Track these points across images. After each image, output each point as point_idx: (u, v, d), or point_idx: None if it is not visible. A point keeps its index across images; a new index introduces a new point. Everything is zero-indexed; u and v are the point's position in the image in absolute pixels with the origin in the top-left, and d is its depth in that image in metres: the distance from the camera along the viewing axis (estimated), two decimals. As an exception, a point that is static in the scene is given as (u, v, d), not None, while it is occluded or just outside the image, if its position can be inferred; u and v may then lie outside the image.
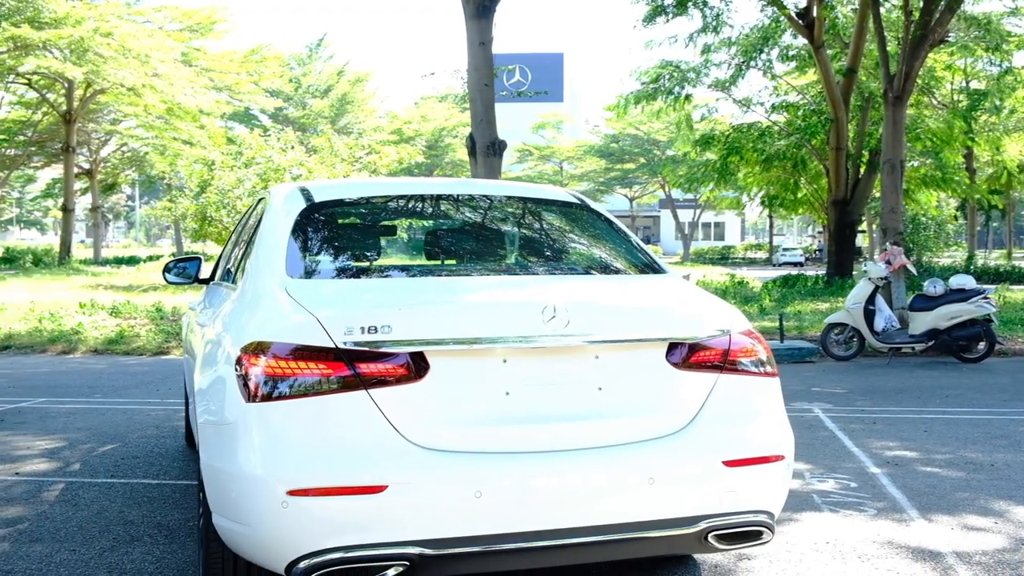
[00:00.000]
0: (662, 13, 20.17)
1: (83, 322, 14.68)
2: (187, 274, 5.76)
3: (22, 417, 7.93)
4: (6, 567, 4.21)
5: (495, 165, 13.26)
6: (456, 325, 3.12)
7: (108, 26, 31.94)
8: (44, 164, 50.38)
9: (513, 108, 59.06)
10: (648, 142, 59.81)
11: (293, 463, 2.97)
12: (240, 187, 23.42)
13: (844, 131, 22.42)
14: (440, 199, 4.65)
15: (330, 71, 59.41)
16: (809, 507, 5.17)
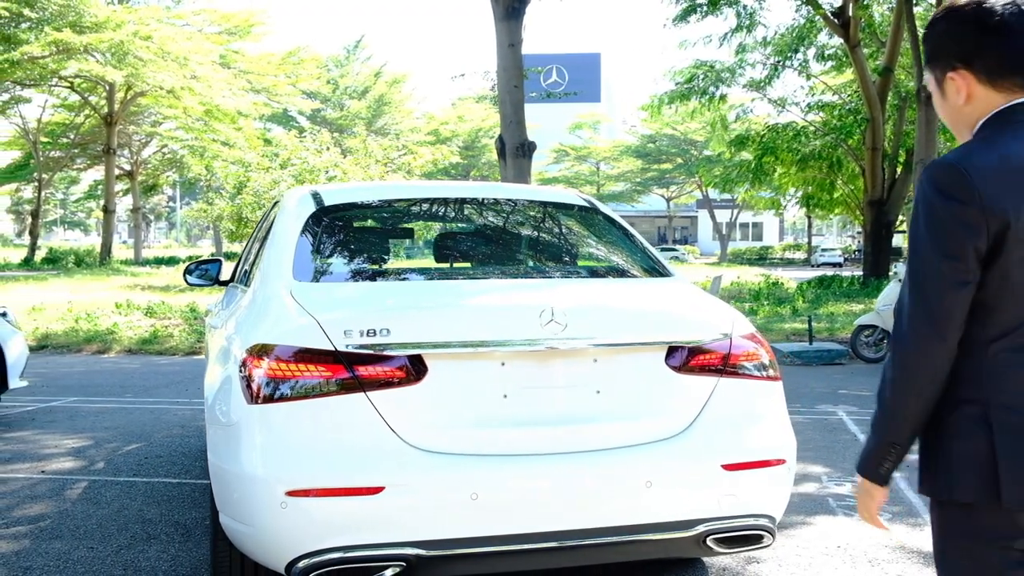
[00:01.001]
0: (694, 12, 20.10)
1: (118, 322, 14.90)
2: (208, 276, 5.83)
3: (52, 416, 8.07)
4: (25, 563, 4.31)
5: (524, 167, 13.29)
6: (454, 328, 3.15)
7: (148, 29, 32.35)
8: (87, 166, 51.15)
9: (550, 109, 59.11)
10: (685, 142, 59.57)
11: (292, 464, 3.01)
12: (276, 188, 23.60)
13: (880, 131, 22.20)
14: (448, 203, 4.68)
15: (367, 72, 59.70)
16: (824, 510, 5.14)
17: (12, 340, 7.69)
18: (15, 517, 5.05)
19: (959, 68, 1.94)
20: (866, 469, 2.01)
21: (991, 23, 1.88)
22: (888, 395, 1.94)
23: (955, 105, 1.98)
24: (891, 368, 1.93)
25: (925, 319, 1.87)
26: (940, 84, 2.00)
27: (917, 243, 1.89)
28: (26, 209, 67.38)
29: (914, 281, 1.89)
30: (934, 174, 1.87)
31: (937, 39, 1.99)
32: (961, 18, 1.93)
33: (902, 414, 1.93)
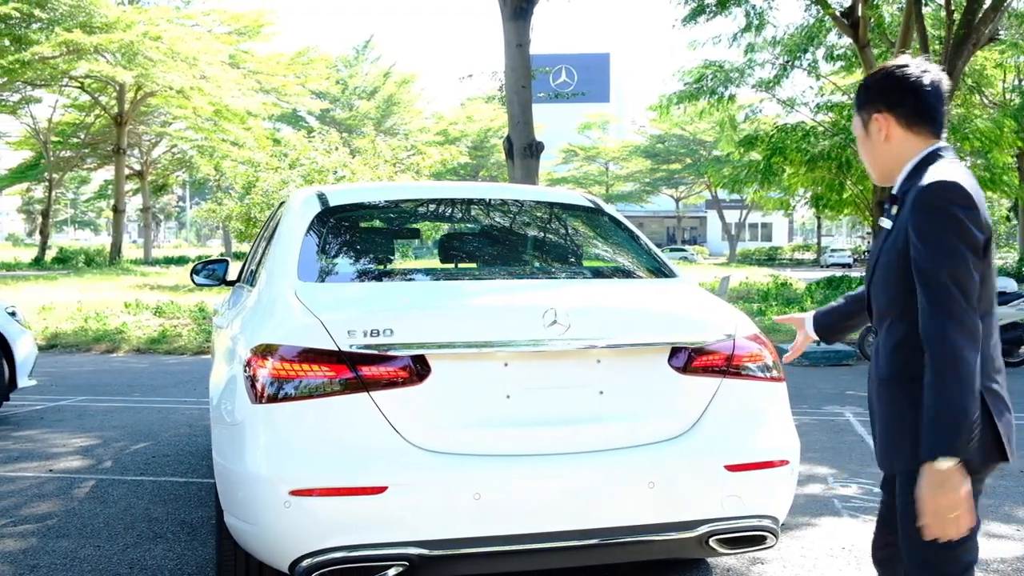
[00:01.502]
0: (703, 12, 20.06)
1: (127, 322, 14.95)
2: (215, 276, 5.85)
3: (61, 415, 8.11)
4: (32, 562, 4.33)
5: (532, 167, 13.29)
6: (457, 329, 3.16)
7: (157, 30, 32.45)
8: (97, 166, 51.33)
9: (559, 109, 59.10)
10: (694, 142, 59.51)
11: (296, 464, 3.03)
12: (285, 188, 23.64)
13: (890, 131, 22.09)
14: (453, 204, 4.69)
15: (376, 72, 59.79)
16: (829, 512, 5.14)
17: (21, 339, 7.74)
18: (23, 515, 5.08)
19: (883, 111, 2.46)
20: (964, 448, 2.17)
21: (908, 83, 2.42)
22: (961, 370, 2.18)
23: (877, 142, 2.50)
24: (953, 349, 2.19)
25: (969, 306, 2.23)
26: (866, 125, 2.52)
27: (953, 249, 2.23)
28: (37, 209, 67.62)
29: (956, 280, 2.22)
30: (959, 195, 2.27)
31: (868, 91, 2.52)
32: (888, 76, 2.47)
33: (974, 393, 2.18)
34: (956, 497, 2.16)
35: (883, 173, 2.55)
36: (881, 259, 2.47)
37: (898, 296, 2.39)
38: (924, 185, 2.31)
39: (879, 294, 2.49)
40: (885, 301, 2.45)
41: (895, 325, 2.42)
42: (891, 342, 2.43)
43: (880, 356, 2.47)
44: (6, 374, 7.56)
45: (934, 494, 2.17)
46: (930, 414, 2.20)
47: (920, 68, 2.43)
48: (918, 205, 2.30)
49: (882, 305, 2.48)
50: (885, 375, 2.44)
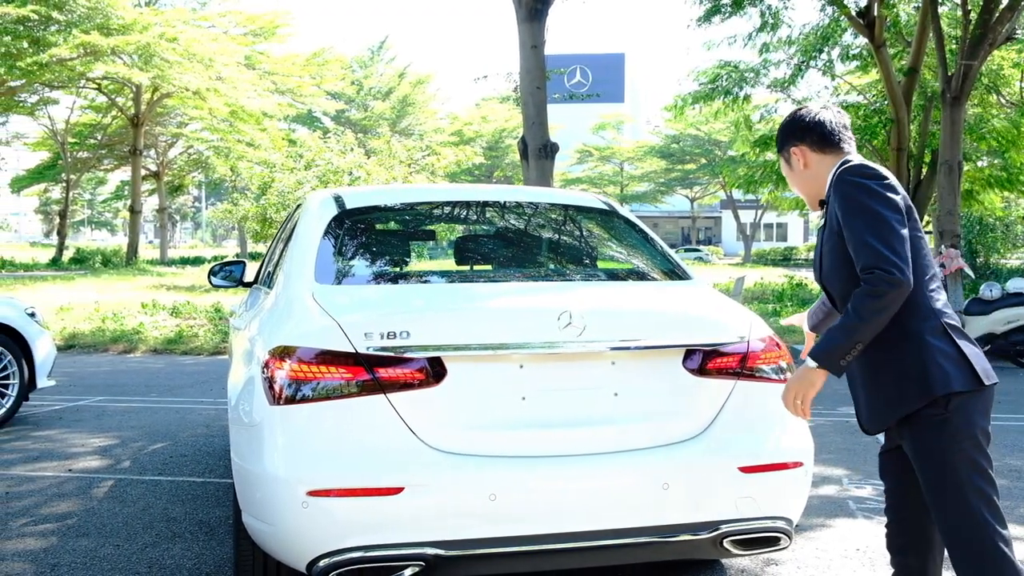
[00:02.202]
0: (718, 12, 20.02)
1: (144, 322, 15.05)
2: (233, 277, 5.89)
3: (80, 415, 8.18)
4: (53, 560, 4.38)
5: (547, 168, 13.30)
6: (473, 331, 3.19)
7: (174, 31, 32.59)
8: (114, 167, 51.56)
9: (574, 109, 59.11)
10: (709, 142, 59.36)
11: (313, 464, 3.06)
12: (300, 189, 23.72)
13: (905, 132, 22.01)
14: (468, 206, 4.72)
15: (391, 73, 59.89)
16: (843, 513, 5.15)
17: (40, 340, 7.81)
18: (43, 515, 5.14)
19: (797, 144, 2.96)
20: (830, 361, 2.68)
21: (810, 118, 2.95)
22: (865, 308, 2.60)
23: (799, 171, 2.98)
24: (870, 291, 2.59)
25: (894, 256, 2.59)
26: (788, 160, 3.02)
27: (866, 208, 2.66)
28: (54, 209, 68.01)
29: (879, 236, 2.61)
30: (867, 170, 2.74)
31: (782, 133, 3.06)
32: (795, 118, 2.99)
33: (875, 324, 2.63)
34: (805, 392, 2.74)
35: (812, 194, 3.00)
36: (824, 250, 2.86)
37: (850, 275, 2.74)
38: (836, 172, 2.81)
39: (833, 281, 2.86)
40: (840, 284, 2.82)
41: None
42: None
43: None
44: (26, 375, 7.63)
45: (794, 383, 2.77)
46: (831, 328, 2.71)
47: (818, 108, 2.96)
48: (834, 187, 2.78)
49: (839, 289, 2.83)
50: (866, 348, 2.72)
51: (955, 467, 2.64)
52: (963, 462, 2.65)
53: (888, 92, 21.75)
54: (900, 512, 2.92)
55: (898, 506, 2.92)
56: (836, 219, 2.74)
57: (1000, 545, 2.63)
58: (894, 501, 2.94)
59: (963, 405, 2.65)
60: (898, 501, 2.92)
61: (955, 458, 2.64)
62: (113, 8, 31.22)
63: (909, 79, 21.80)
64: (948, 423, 2.63)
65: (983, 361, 2.71)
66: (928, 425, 2.65)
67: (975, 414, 2.68)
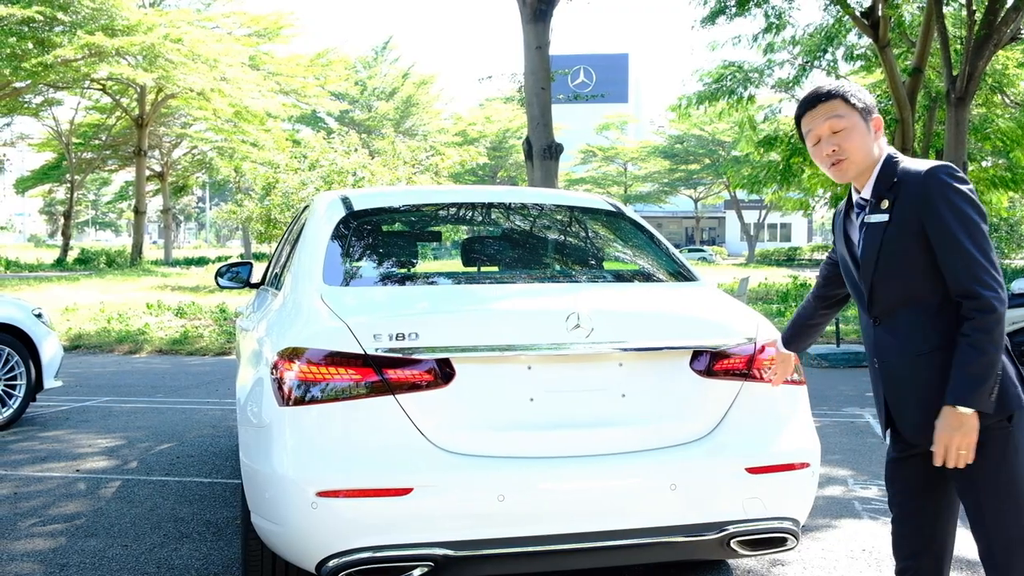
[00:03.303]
0: (722, 13, 20.04)
1: (149, 323, 15.08)
2: (239, 278, 5.91)
3: (86, 416, 8.20)
4: (62, 560, 4.40)
5: (551, 168, 13.33)
6: (481, 333, 3.20)
7: (178, 32, 32.67)
8: (118, 167, 51.68)
9: (577, 109, 59.14)
10: (713, 143, 59.39)
11: (322, 465, 3.07)
12: (304, 190, 23.76)
13: (910, 132, 21.98)
14: (474, 207, 4.74)
15: (395, 74, 59.94)
16: (849, 514, 5.16)
17: (47, 341, 7.83)
18: (51, 515, 5.16)
19: (876, 116, 2.76)
20: (982, 400, 2.49)
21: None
22: (994, 332, 2.49)
23: (870, 140, 2.73)
24: (989, 311, 2.49)
25: (995, 270, 2.52)
26: (867, 120, 2.74)
27: (974, 222, 2.54)
28: (58, 210, 68.10)
29: (986, 255, 2.51)
30: (957, 172, 2.58)
31: (870, 97, 2.80)
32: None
33: (1000, 355, 2.51)
34: (969, 439, 2.50)
35: (865, 166, 2.74)
36: (885, 250, 2.66)
37: (918, 279, 2.61)
38: (927, 170, 2.60)
39: (889, 284, 2.67)
40: (901, 287, 2.65)
41: (922, 306, 2.63)
42: (924, 322, 2.63)
43: (913, 336, 2.65)
44: (33, 375, 7.65)
45: (952, 434, 2.51)
46: (963, 367, 2.50)
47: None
48: (929, 187, 2.57)
49: (898, 292, 2.66)
50: (925, 350, 2.62)
51: (1016, 479, 2.60)
52: (1022, 477, 2.62)
53: (892, 92, 21.73)
54: (914, 520, 2.82)
55: (911, 514, 2.82)
56: (916, 221, 2.59)
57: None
58: (908, 510, 2.83)
59: (1021, 421, 2.62)
60: (912, 509, 2.82)
61: (1018, 471, 2.60)
62: (118, 9, 31.29)
63: (914, 79, 21.78)
64: (1012, 437, 2.60)
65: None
66: (996, 439, 2.58)
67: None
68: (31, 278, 28.98)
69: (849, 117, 2.72)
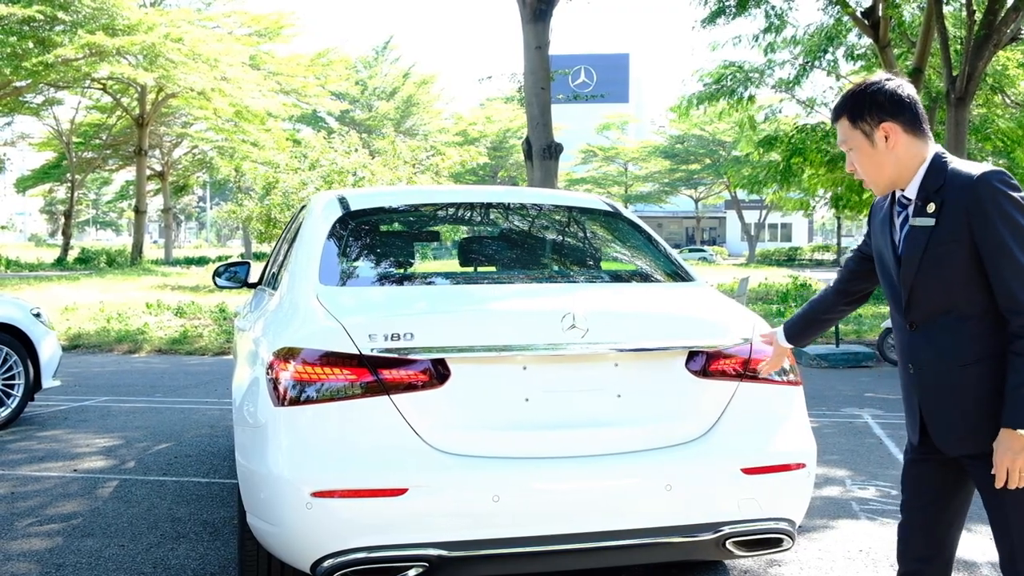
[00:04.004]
0: (722, 14, 20.03)
1: (149, 322, 15.07)
2: (237, 278, 5.91)
3: (84, 415, 8.20)
4: (58, 560, 4.40)
5: (551, 168, 13.32)
6: (476, 333, 3.20)
7: (179, 32, 32.68)
8: (118, 167, 51.69)
9: (578, 109, 59.09)
10: (713, 143, 59.39)
11: (317, 465, 3.07)
12: (304, 189, 23.75)
13: (910, 132, 21.99)
14: (472, 207, 4.73)
15: (396, 73, 59.93)
16: (846, 514, 5.15)
17: (45, 340, 7.83)
18: (48, 515, 5.16)
19: (887, 120, 2.60)
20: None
21: (903, 93, 2.60)
22: None
23: (882, 151, 2.62)
24: None
25: None
26: (869, 135, 2.63)
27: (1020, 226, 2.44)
28: (59, 209, 68.09)
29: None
30: (1010, 179, 2.49)
31: (867, 102, 2.63)
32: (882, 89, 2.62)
33: None
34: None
35: (890, 181, 2.67)
36: (929, 255, 2.56)
37: (959, 288, 2.54)
38: (978, 175, 2.49)
39: (932, 289, 2.59)
40: (943, 294, 2.57)
41: (964, 315, 2.56)
42: (965, 331, 2.56)
43: (954, 346, 2.58)
44: (31, 375, 7.65)
45: (1015, 457, 2.43)
46: (1019, 388, 2.42)
47: (901, 80, 2.63)
48: (981, 194, 2.47)
49: (939, 298, 2.58)
50: (967, 361, 2.55)
51: None
52: None
53: (893, 92, 21.71)
54: (926, 524, 2.75)
55: (923, 518, 2.76)
56: (964, 228, 2.49)
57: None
58: (921, 513, 2.76)
59: None
60: (925, 513, 2.75)
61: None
62: (118, 8, 31.29)
63: (914, 79, 21.73)
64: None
65: None
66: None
67: None
68: (31, 277, 28.98)
69: (852, 138, 2.67)
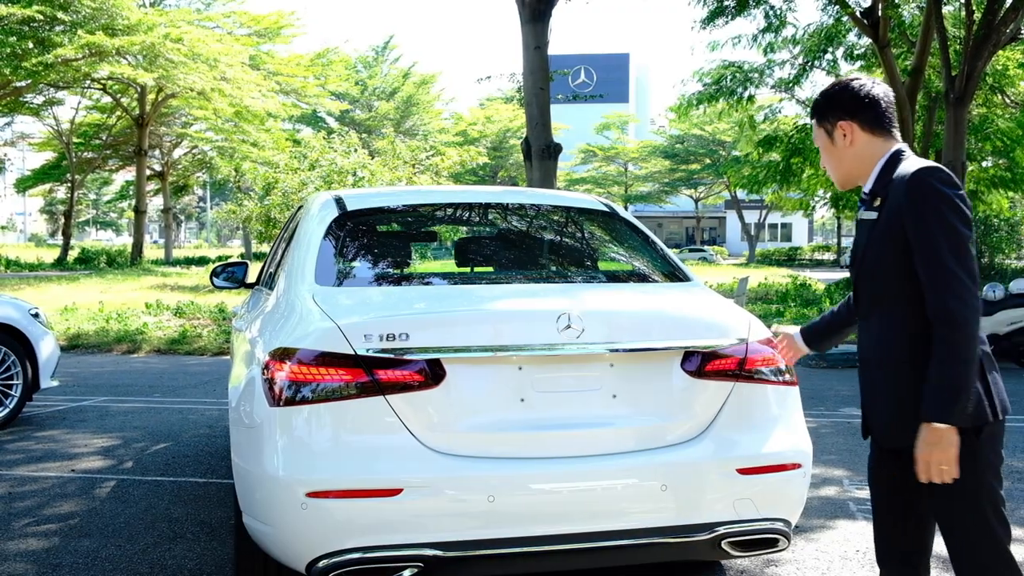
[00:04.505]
0: (721, 14, 20.02)
1: (148, 322, 15.06)
2: (235, 278, 5.91)
3: (83, 415, 8.20)
4: (55, 560, 4.40)
5: (550, 168, 13.30)
6: (472, 334, 3.20)
7: (178, 32, 32.63)
8: (118, 167, 51.61)
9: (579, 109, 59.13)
10: (713, 142, 59.38)
11: (312, 466, 3.07)
12: (304, 189, 23.72)
13: (910, 132, 21.95)
14: (468, 208, 4.73)
15: (396, 73, 59.83)
16: (844, 515, 5.15)
17: (44, 340, 7.83)
18: (45, 515, 5.16)
19: (846, 119, 2.72)
20: (959, 415, 2.47)
21: (866, 92, 2.70)
22: (967, 348, 2.46)
23: (842, 147, 2.74)
24: (962, 327, 2.46)
25: (973, 283, 2.47)
26: (830, 133, 2.76)
27: (957, 231, 2.48)
28: (59, 209, 68.09)
29: (965, 267, 2.46)
30: (946, 177, 2.53)
31: (830, 102, 2.76)
32: (847, 88, 2.74)
33: (974, 368, 2.49)
34: (949, 454, 2.48)
35: (848, 177, 2.79)
36: (870, 249, 2.68)
37: (893, 281, 2.62)
38: (912, 172, 2.56)
39: (871, 281, 2.70)
40: (878, 286, 2.67)
41: (892, 309, 2.64)
42: (893, 325, 2.64)
43: (883, 339, 2.67)
44: (29, 375, 7.65)
45: (931, 450, 2.49)
46: (936, 383, 2.48)
47: (872, 81, 2.74)
48: (912, 191, 2.54)
49: (875, 291, 2.69)
50: (896, 355, 2.63)
51: (980, 496, 2.58)
52: (988, 492, 2.59)
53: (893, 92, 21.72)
54: (897, 523, 2.80)
55: (893, 516, 2.81)
56: (899, 222, 2.56)
57: (1012, 568, 2.63)
58: (890, 511, 2.81)
59: (991, 436, 2.59)
60: (894, 511, 2.80)
61: (981, 489, 2.58)
62: (118, 8, 31.25)
63: (913, 79, 21.76)
64: (980, 453, 2.56)
65: (1003, 394, 2.63)
66: (961, 454, 2.52)
67: (998, 444, 2.63)
68: (31, 278, 28.96)
69: (818, 136, 2.82)
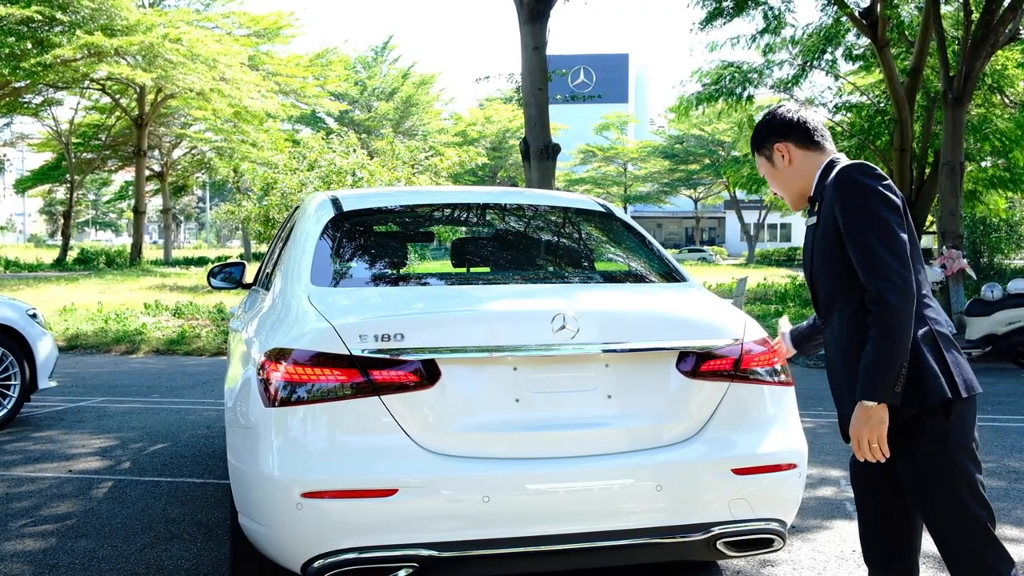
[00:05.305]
0: (720, 15, 20.02)
1: (147, 323, 15.07)
2: (232, 279, 5.92)
3: (81, 416, 8.20)
4: (51, 561, 4.40)
5: (549, 169, 13.30)
6: (467, 334, 3.20)
7: (177, 32, 32.62)
8: (118, 167, 51.60)
9: (578, 109, 59.12)
10: (713, 143, 59.37)
11: (308, 466, 3.07)
12: (303, 190, 23.73)
13: (908, 132, 21.97)
14: (465, 208, 4.74)
15: (395, 74, 59.81)
16: (841, 515, 5.16)
17: (42, 341, 7.83)
18: (43, 515, 5.16)
19: (781, 141, 2.92)
20: (885, 393, 2.57)
21: (793, 115, 2.93)
22: (891, 325, 2.56)
23: (783, 168, 2.94)
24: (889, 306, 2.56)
25: (902, 266, 2.58)
26: (770, 158, 2.96)
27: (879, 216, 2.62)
28: (58, 210, 68.03)
29: (890, 247, 2.58)
30: (868, 170, 2.69)
31: (764, 131, 2.98)
32: (776, 115, 2.96)
33: (904, 347, 2.58)
34: (878, 433, 2.60)
35: (798, 195, 2.96)
36: (816, 250, 2.82)
37: (842, 277, 2.73)
38: (837, 171, 2.75)
39: (823, 283, 2.83)
40: (831, 286, 2.79)
41: (846, 307, 2.75)
42: (850, 322, 2.73)
43: (841, 334, 2.77)
44: (27, 375, 7.65)
45: (861, 427, 2.62)
46: (866, 362, 2.60)
47: (797, 106, 2.96)
48: (836, 187, 2.71)
49: (829, 290, 2.80)
50: (850, 349, 2.72)
51: (953, 477, 2.64)
52: (960, 472, 2.64)
53: (891, 92, 21.67)
54: (881, 521, 2.87)
55: (877, 515, 2.89)
56: (833, 220, 2.70)
57: (997, 547, 2.66)
58: (873, 510, 2.90)
59: (960, 416, 2.65)
60: (877, 510, 2.88)
61: (954, 469, 2.64)
62: (117, 9, 31.24)
63: (912, 79, 21.75)
64: (949, 433, 2.63)
65: (967, 372, 2.69)
66: (929, 435, 2.65)
67: (970, 424, 2.68)
68: (30, 278, 28.95)
69: (761, 165, 3.03)
